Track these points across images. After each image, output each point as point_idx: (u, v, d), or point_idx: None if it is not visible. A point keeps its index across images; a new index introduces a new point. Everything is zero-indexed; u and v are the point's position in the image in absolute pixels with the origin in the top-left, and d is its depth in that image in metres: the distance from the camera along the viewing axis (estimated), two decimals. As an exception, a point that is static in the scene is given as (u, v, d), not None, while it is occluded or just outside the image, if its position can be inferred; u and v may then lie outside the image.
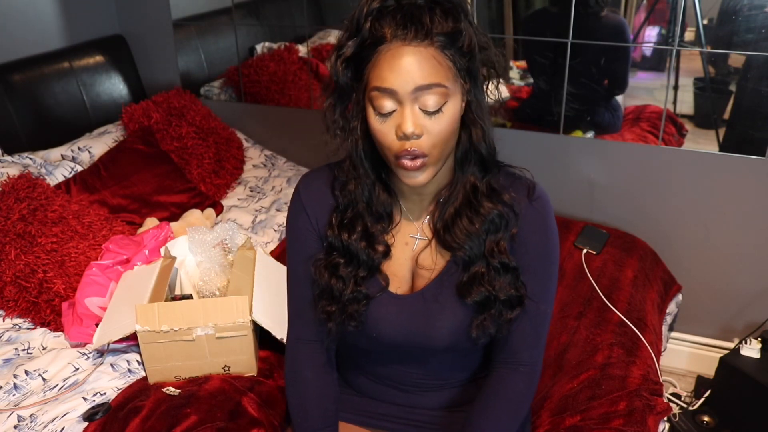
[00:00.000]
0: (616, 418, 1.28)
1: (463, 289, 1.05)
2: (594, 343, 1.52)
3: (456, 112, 0.96)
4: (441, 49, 0.92)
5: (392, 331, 1.08)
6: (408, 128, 0.93)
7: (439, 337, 1.07)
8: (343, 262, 1.07)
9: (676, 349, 2.20)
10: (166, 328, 1.34)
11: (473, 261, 1.05)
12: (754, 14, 1.80)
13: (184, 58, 2.55)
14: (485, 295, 1.04)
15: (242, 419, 1.27)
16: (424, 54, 0.91)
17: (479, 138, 1.01)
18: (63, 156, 2.09)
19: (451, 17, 0.93)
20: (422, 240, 1.10)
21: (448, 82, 0.93)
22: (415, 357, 1.14)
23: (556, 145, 2.14)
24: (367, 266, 1.07)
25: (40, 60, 2.21)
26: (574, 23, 1.96)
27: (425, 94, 0.92)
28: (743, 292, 2.06)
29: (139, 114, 2.24)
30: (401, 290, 1.10)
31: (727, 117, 1.95)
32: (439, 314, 1.07)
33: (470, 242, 1.04)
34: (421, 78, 0.91)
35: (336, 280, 1.06)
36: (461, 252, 1.05)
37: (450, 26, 0.93)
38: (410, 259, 1.10)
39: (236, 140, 2.48)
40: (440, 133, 0.95)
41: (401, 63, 0.91)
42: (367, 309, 1.08)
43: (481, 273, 1.04)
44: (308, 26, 2.42)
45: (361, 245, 1.05)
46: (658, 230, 2.08)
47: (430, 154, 0.96)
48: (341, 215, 1.07)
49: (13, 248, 1.59)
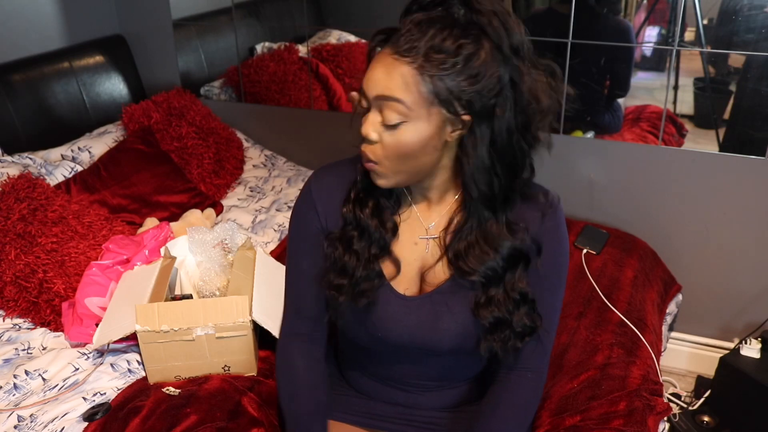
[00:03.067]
0: (616, 418, 1.28)
1: (479, 308, 1.04)
2: (594, 343, 1.52)
3: (419, 137, 0.93)
4: (419, 71, 0.90)
5: (398, 332, 1.08)
6: (362, 129, 0.95)
7: (444, 340, 1.07)
8: (356, 235, 1.07)
9: (676, 349, 2.19)
10: (166, 328, 1.34)
11: (490, 284, 1.04)
12: (754, 14, 1.80)
13: (184, 58, 2.55)
14: (499, 317, 1.03)
15: (242, 419, 1.27)
16: (397, 68, 0.91)
17: (470, 175, 0.97)
18: (63, 156, 2.09)
19: (463, 40, 0.89)
20: (431, 244, 1.09)
21: (411, 103, 0.91)
22: (418, 357, 1.13)
23: (556, 145, 2.11)
24: (378, 245, 1.06)
25: (40, 60, 2.21)
26: (580, 24, 1.96)
27: (385, 106, 0.93)
28: (743, 292, 2.06)
29: (139, 114, 2.24)
30: (409, 291, 1.10)
31: (727, 117, 1.95)
32: (446, 318, 1.06)
33: (486, 268, 1.03)
34: (383, 89, 0.92)
35: (350, 256, 1.06)
36: (476, 276, 1.03)
37: (448, 50, 0.89)
38: (419, 260, 1.09)
39: (236, 140, 2.48)
40: (392, 149, 0.95)
41: (375, 67, 0.93)
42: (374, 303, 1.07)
43: (498, 299, 1.03)
44: (308, 26, 2.42)
45: (372, 222, 1.06)
46: (658, 230, 2.08)
47: (381, 164, 0.97)
48: (358, 191, 1.07)
49: (13, 248, 1.59)
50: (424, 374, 1.16)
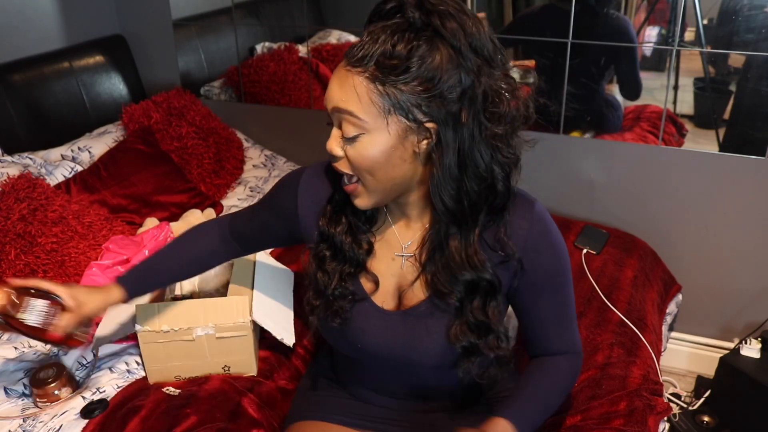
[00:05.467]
0: (617, 417, 1.28)
1: (450, 332, 1.01)
2: (594, 343, 1.52)
3: (381, 149, 0.90)
4: (371, 80, 0.87)
5: (376, 344, 1.07)
6: (327, 145, 0.94)
7: (424, 359, 1.05)
8: (329, 255, 1.06)
9: (676, 349, 2.19)
10: (166, 328, 1.34)
11: (464, 310, 1.01)
12: (754, 14, 1.80)
13: (184, 58, 2.55)
14: (468, 345, 1.01)
15: (242, 420, 1.27)
16: (351, 81, 0.89)
17: (435, 187, 0.92)
18: (63, 156, 2.09)
19: (416, 42, 0.85)
20: (408, 263, 1.06)
21: (364, 115, 0.88)
22: (402, 370, 1.12)
23: (556, 145, 2.14)
24: (353, 263, 1.05)
25: (40, 60, 2.21)
26: (579, 23, 1.96)
27: (342, 119, 0.91)
28: (743, 292, 2.06)
29: (139, 114, 2.24)
30: (387, 305, 1.08)
31: (727, 117, 1.95)
32: (424, 338, 1.04)
33: (463, 289, 1.00)
34: (339, 100, 0.90)
35: (322, 274, 1.06)
36: (451, 298, 1.00)
37: (399, 56, 0.86)
38: (396, 275, 1.07)
39: (236, 140, 2.48)
40: (356, 163, 0.92)
41: (331, 81, 0.91)
42: (352, 315, 1.06)
43: (466, 326, 1.00)
44: (308, 26, 2.42)
45: (346, 240, 1.04)
46: (658, 230, 2.08)
47: (363, 178, 0.94)
48: (333, 206, 1.06)
49: (13, 248, 1.59)
50: (413, 384, 1.15)
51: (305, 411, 1.23)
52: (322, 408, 1.22)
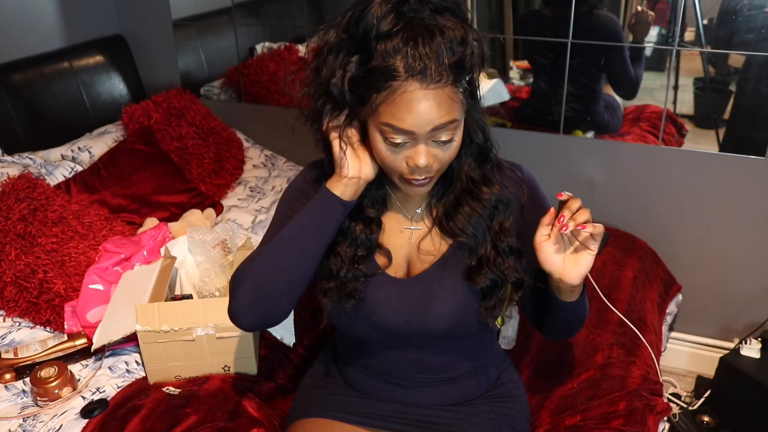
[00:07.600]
0: (616, 418, 1.28)
1: (472, 273, 1.07)
2: (594, 343, 1.52)
3: (461, 133, 0.98)
4: (454, 84, 0.93)
5: (392, 314, 1.09)
6: (421, 162, 0.95)
7: (438, 320, 1.08)
8: (340, 240, 1.08)
9: (676, 349, 2.20)
10: (166, 328, 1.34)
11: (479, 245, 1.07)
12: (754, 14, 1.80)
13: (184, 58, 2.55)
14: (493, 278, 1.06)
15: (242, 419, 1.27)
16: (441, 96, 0.91)
17: (476, 133, 1.04)
18: (63, 156, 2.09)
19: (459, 37, 0.91)
20: (418, 230, 1.12)
21: (460, 114, 0.95)
22: (414, 344, 1.14)
23: (556, 145, 2.14)
24: (365, 246, 1.08)
25: (40, 60, 2.21)
26: (564, 25, 1.96)
27: (440, 130, 0.94)
28: (743, 292, 2.06)
29: (139, 114, 2.24)
30: (398, 275, 1.12)
31: (727, 117, 1.95)
32: (440, 295, 1.08)
33: (473, 227, 1.07)
34: (438, 118, 0.92)
35: (334, 258, 1.08)
36: (464, 237, 1.07)
37: (459, 52, 0.91)
38: (405, 246, 1.12)
39: (236, 140, 2.48)
40: (450, 159, 0.99)
41: (420, 107, 0.91)
42: (366, 289, 1.09)
43: (488, 257, 1.07)
44: (308, 26, 2.42)
45: (357, 226, 1.07)
46: (658, 230, 2.08)
47: (437, 173, 1.00)
48: None
49: (14, 248, 1.59)
50: (422, 366, 1.17)
51: (307, 408, 1.24)
52: (324, 405, 1.22)
